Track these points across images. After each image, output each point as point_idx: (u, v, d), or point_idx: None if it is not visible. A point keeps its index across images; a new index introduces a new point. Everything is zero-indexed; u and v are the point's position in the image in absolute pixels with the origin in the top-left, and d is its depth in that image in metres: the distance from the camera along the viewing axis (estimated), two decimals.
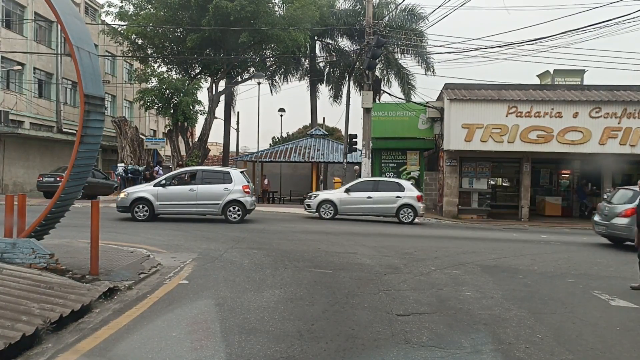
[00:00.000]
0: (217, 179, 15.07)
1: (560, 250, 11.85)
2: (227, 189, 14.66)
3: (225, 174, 15.28)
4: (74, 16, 7.15)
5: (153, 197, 14.22)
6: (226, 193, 14.62)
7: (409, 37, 27.90)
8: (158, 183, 14.75)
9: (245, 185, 14.96)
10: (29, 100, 27.75)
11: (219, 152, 40.27)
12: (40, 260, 6.42)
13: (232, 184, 14.74)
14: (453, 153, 19.85)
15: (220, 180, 14.96)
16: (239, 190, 14.71)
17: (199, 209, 14.79)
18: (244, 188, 14.82)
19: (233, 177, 15.01)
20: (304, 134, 35.41)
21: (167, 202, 14.41)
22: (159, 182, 14.84)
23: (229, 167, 18.05)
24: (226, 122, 32.56)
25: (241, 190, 14.73)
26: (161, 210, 14.48)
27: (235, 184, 14.76)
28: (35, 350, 4.27)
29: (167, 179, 14.90)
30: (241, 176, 15.20)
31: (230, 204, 14.62)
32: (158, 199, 14.27)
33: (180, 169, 17.64)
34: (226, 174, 15.27)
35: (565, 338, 5.13)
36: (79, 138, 6.64)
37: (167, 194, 14.41)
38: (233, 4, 22.54)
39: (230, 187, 14.70)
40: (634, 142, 18.67)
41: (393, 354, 4.48)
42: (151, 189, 14.48)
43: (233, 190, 14.66)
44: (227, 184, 14.76)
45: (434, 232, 14.99)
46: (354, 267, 8.48)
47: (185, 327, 5.18)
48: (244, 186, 14.85)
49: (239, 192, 14.68)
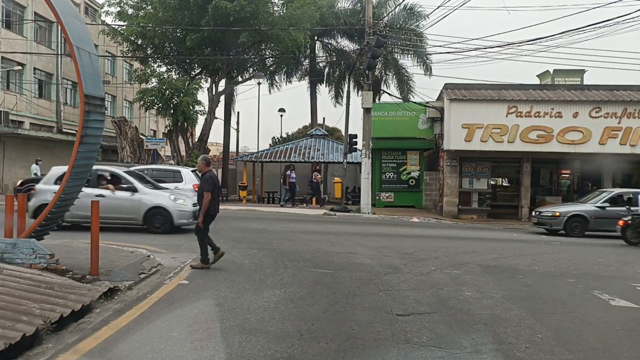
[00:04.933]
0: (168, 177, 15.49)
1: (561, 250, 11.85)
2: (178, 188, 14.85)
3: (176, 172, 15.82)
4: (74, 16, 7.15)
5: None
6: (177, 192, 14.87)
7: (408, 37, 27.91)
8: None
9: (196, 184, 14.99)
10: (29, 100, 27.76)
11: (219, 152, 40.23)
12: (41, 260, 6.42)
13: (182, 182, 15.15)
14: (453, 153, 19.85)
15: (171, 179, 15.36)
16: (190, 190, 14.78)
17: None
18: (194, 187, 14.78)
19: (184, 175, 15.48)
20: (304, 134, 35.39)
21: None
22: None
23: (180, 167, 18.45)
24: (226, 122, 32.54)
25: (192, 190, 14.74)
26: None
27: (185, 182, 15.17)
28: (35, 351, 4.27)
29: None
30: (192, 175, 15.51)
31: None
32: None
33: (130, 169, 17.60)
34: (177, 172, 15.81)
35: (565, 338, 5.13)
36: (79, 138, 6.64)
37: None
38: (232, 4, 22.54)
39: (180, 186, 14.99)
40: (634, 142, 18.68)
41: (393, 354, 4.48)
42: None
43: (184, 190, 14.80)
44: (178, 182, 15.15)
45: (434, 232, 14.99)
46: (354, 267, 8.49)
47: (186, 327, 5.18)
48: (194, 185, 14.89)
49: (190, 192, 14.68)
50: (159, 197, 12.01)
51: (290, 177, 23.28)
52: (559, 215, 15.38)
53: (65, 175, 6.87)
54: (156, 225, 11.65)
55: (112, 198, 11.56)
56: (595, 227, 15.20)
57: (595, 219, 15.17)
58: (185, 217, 11.91)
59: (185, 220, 11.94)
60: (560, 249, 12.10)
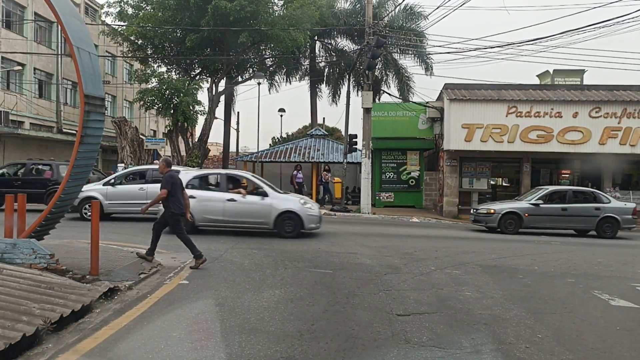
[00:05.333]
0: None
1: (561, 250, 11.85)
2: None
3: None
4: (74, 16, 7.15)
5: (102, 196, 13.92)
6: None
7: (408, 37, 27.92)
8: (107, 182, 14.53)
9: None
10: (29, 100, 27.76)
11: (219, 153, 40.26)
12: (41, 260, 6.43)
13: None
14: (453, 153, 19.85)
15: None
16: None
17: None
18: None
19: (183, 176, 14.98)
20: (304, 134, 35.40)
21: (116, 202, 14.10)
22: (108, 181, 14.61)
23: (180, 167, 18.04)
24: (226, 122, 32.55)
25: None
26: (110, 209, 14.14)
27: None
28: (35, 351, 4.27)
29: (117, 178, 14.70)
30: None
31: None
32: (107, 198, 13.99)
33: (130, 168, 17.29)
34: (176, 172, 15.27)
35: (565, 338, 5.13)
36: (79, 138, 6.65)
37: (116, 193, 14.17)
38: (232, 4, 22.53)
39: None
40: (634, 142, 18.69)
41: (393, 354, 4.48)
42: (100, 188, 14.20)
43: None
44: None
45: (434, 232, 14.99)
46: (354, 267, 8.49)
47: (186, 327, 5.18)
48: None
49: None
50: (289, 201, 12.12)
51: (297, 177, 23.31)
52: (493, 213, 15.34)
53: (65, 176, 6.88)
54: (287, 229, 11.77)
55: (243, 202, 11.77)
56: (529, 225, 15.18)
57: (529, 216, 15.16)
58: (314, 222, 12.09)
59: (314, 224, 12.12)
60: (560, 249, 12.10)
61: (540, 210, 15.24)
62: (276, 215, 11.72)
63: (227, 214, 11.76)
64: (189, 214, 8.53)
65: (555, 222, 15.35)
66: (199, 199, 11.74)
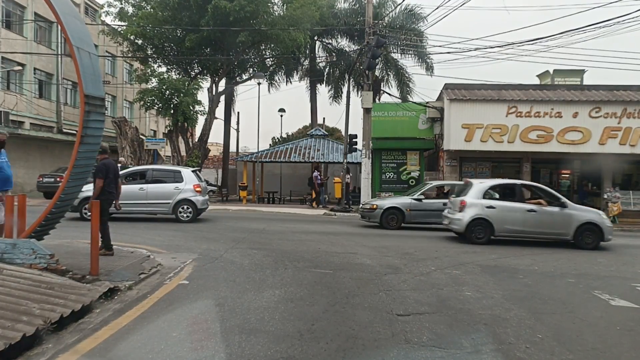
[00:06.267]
0: (168, 178, 15.03)
1: (561, 250, 11.84)
2: (178, 188, 14.60)
3: (176, 172, 15.23)
4: (73, 16, 7.15)
5: None
6: (177, 192, 14.54)
7: (408, 37, 27.92)
8: None
9: (197, 185, 14.87)
10: (29, 100, 27.76)
11: (219, 153, 40.26)
12: (41, 260, 6.42)
13: (182, 183, 14.71)
14: (453, 153, 19.85)
15: (171, 179, 14.92)
16: (190, 190, 14.64)
17: (149, 209, 14.62)
18: (195, 187, 14.74)
19: (184, 176, 14.95)
20: (304, 134, 35.42)
21: None
22: None
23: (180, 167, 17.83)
24: (226, 122, 32.56)
25: (192, 189, 14.66)
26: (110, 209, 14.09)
27: (186, 183, 14.74)
28: (35, 351, 4.27)
29: None
30: (192, 175, 15.14)
31: (181, 204, 14.53)
32: None
33: (131, 168, 17.27)
34: (177, 172, 15.23)
35: (565, 338, 5.13)
36: (79, 138, 6.65)
37: None
38: (232, 4, 22.54)
39: (181, 186, 14.65)
40: (634, 142, 18.69)
41: (393, 354, 4.48)
42: None
43: (184, 190, 14.58)
44: (178, 183, 14.73)
45: (434, 232, 14.97)
46: (354, 267, 8.48)
47: (186, 327, 5.18)
48: (194, 185, 14.78)
49: (190, 192, 14.61)
50: (589, 212, 12.24)
51: (317, 179, 23.47)
52: (375, 208, 15.26)
53: (65, 176, 6.88)
54: (587, 241, 11.85)
55: (542, 213, 11.87)
56: (410, 220, 15.11)
57: (411, 212, 15.07)
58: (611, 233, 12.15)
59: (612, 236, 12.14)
60: (561, 249, 12.08)
61: (422, 205, 15.08)
62: (577, 227, 11.79)
63: (528, 224, 11.87)
64: (119, 201, 8.70)
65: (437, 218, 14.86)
66: (499, 209, 11.92)
